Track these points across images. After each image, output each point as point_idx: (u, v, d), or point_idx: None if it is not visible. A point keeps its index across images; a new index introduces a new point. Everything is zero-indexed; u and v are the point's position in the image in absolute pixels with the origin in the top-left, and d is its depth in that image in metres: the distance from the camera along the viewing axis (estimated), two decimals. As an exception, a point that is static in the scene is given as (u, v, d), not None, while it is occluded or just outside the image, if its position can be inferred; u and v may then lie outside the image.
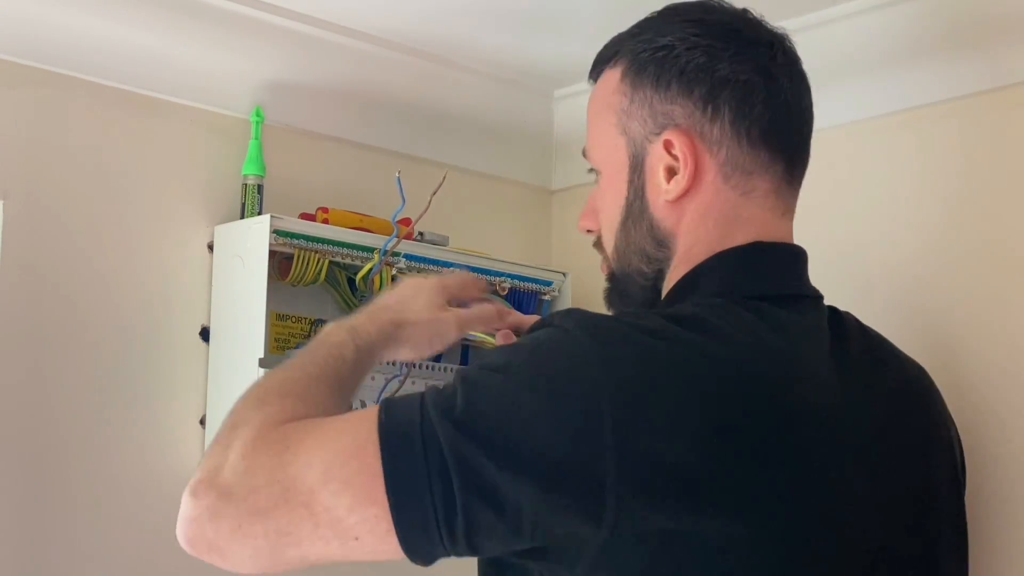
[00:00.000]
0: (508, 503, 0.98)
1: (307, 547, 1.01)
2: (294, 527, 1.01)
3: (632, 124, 1.19)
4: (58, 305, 1.51)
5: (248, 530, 1.02)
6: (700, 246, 1.17)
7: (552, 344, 1.04)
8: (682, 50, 1.17)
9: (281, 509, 1.01)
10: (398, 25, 1.70)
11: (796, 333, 1.11)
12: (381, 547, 1.00)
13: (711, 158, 1.16)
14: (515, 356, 1.04)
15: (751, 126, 1.16)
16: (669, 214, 1.18)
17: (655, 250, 1.19)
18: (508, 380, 1.01)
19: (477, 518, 0.98)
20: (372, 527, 0.99)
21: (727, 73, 1.16)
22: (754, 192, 1.17)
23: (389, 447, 1.00)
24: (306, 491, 1.00)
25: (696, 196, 1.17)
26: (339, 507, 1.00)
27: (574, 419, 0.99)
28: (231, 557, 1.04)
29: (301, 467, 1.01)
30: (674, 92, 1.17)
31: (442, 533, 0.99)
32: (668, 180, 1.17)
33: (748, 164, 1.16)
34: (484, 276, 1.70)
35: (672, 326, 1.05)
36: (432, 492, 0.98)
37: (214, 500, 1.04)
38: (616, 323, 1.06)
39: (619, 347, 1.02)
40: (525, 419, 0.99)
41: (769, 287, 1.15)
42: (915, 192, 1.55)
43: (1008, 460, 1.42)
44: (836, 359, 1.13)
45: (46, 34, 1.51)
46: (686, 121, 1.16)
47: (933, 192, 1.54)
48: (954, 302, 1.50)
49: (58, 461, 1.49)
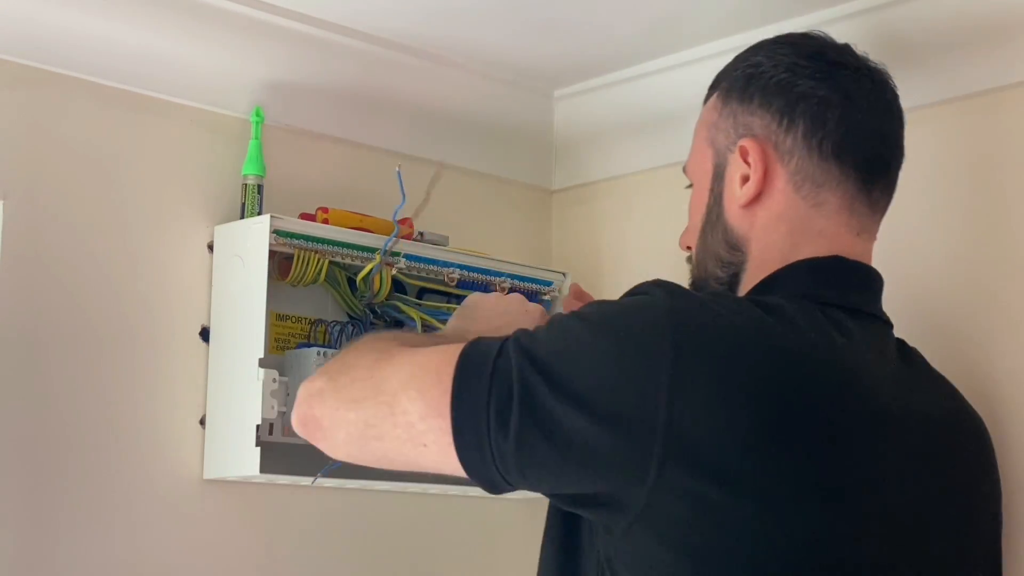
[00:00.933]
0: (559, 432, 1.05)
1: (388, 443, 1.13)
2: (378, 421, 1.13)
3: (719, 136, 1.28)
4: (58, 305, 1.51)
5: (344, 414, 1.16)
6: (773, 252, 1.22)
7: (635, 303, 1.12)
8: (768, 67, 1.26)
9: (370, 402, 1.14)
10: (398, 25, 1.70)
11: (864, 345, 1.16)
12: (445, 459, 1.10)
13: (782, 167, 1.23)
14: (599, 308, 1.13)
15: (823, 139, 1.22)
16: (742, 220, 1.24)
17: (729, 254, 1.25)
18: (585, 326, 1.10)
19: (528, 440, 1.06)
20: (437, 438, 1.10)
21: (806, 89, 1.23)
22: (825, 205, 1.22)
23: (463, 368, 1.10)
24: (390, 392, 1.12)
25: (767, 203, 1.23)
26: (413, 412, 1.11)
27: (635, 373, 1.05)
28: (330, 436, 1.18)
29: (392, 371, 1.14)
30: (755, 105, 1.25)
31: (494, 453, 1.07)
32: (742, 186, 1.24)
33: (818, 176, 1.22)
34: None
35: (753, 307, 1.12)
36: (489, 413, 1.07)
37: (322, 384, 1.18)
38: (699, 296, 1.14)
39: (693, 315, 1.09)
40: (590, 363, 1.07)
41: (845, 300, 1.19)
42: (917, 191, 1.55)
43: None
44: (899, 380, 1.17)
45: (46, 34, 1.51)
46: (763, 131, 1.24)
47: (935, 191, 1.54)
48: (957, 301, 1.50)
49: (58, 461, 1.49)
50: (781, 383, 1.06)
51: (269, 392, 1.51)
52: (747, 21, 1.64)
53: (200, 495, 1.59)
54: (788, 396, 1.06)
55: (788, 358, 1.08)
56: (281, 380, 1.53)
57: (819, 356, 1.10)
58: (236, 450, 1.53)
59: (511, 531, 1.82)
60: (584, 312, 1.13)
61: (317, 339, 1.64)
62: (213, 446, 1.58)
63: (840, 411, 1.09)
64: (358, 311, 1.66)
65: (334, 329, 1.63)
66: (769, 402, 1.05)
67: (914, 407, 1.16)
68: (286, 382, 1.55)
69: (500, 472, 1.08)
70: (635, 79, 1.83)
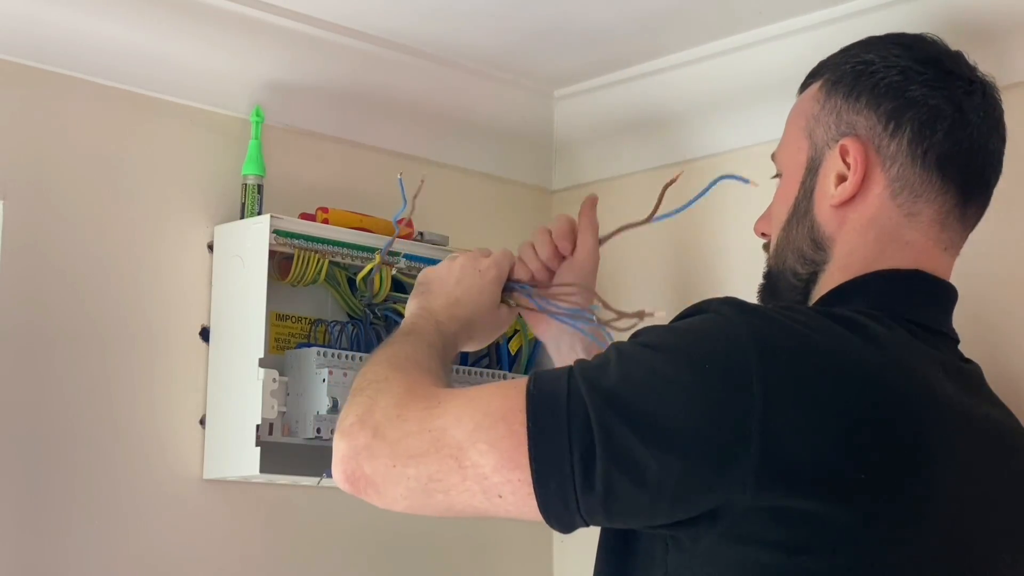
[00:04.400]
0: (649, 477, 1.02)
1: (455, 496, 1.08)
2: (443, 475, 1.08)
3: (818, 129, 1.24)
4: (58, 305, 1.51)
5: (402, 470, 1.09)
6: (857, 257, 1.20)
7: (708, 328, 1.07)
8: (880, 66, 1.21)
9: (431, 456, 1.08)
10: (398, 25, 1.70)
11: (935, 361, 1.14)
12: (523, 508, 1.06)
13: (882, 171, 1.19)
14: (671, 336, 1.09)
15: (929, 149, 1.19)
16: (831, 219, 1.21)
17: (812, 251, 1.22)
18: (663, 358, 1.06)
19: (616, 490, 1.03)
20: (515, 489, 1.05)
21: (917, 95, 1.19)
22: (919, 216, 1.20)
23: (535, 415, 1.05)
24: (455, 445, 1.07)
25: (860, 206, 1.20)
26: (485, 465, 1.06)
27: (724, 403, 1.02)
28: (386, 494, 1.11)
29: (451, 421, 1.08)
30: (862, 104, 1.21)
31: (580, 503, 1.04)
32: (837, 185, 1.20)
33: (918, 186, 1.19)
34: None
35: (829, 322, 1.09)
36: (573, 463, 1.03)
37: (369, 439, 1.11)
38: (774, 313, 1.10)
39: (775, 336, 1.06)
40: (675, 398, 1.03)
41: (920, 315, 1.17)
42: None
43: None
44: (964, 397, 1.15)
45: (46, 34, 1.51)
46: (867, 132, 1.20)
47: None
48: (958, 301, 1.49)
49: (58, 461, 1.49)
50: (866, 398, 1.05)
51: (269, 392, 1.51)
52: (747, 21, 1.64)
53: (200, 495, 1.59)
54: (874, 410, 1.05)
55: (870, 374, 1.06)
56: (281, 380, 1.53)
57: (902, 372, 1.09)
58: (236, 450, 1.53)
59: (513, 530, 1.82)
60: (654, 340, 1.08)
61: (317, 339, 1.64)
62: (213, 446, 1.58)
63: (921, 428, 1.07)
64: (358, 311, 1.66)
65: (334, 329, 1.63)
66: (855, 418, 1.04)
67: (986, 421, 1.16)
68: (286, 382, 1.55)
69: (584, 518, 1.05)
70: (635, 79, 1.83)
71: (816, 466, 1.02)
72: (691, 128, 1.79)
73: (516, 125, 1.92)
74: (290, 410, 1.54)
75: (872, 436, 1.04)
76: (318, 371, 1.54)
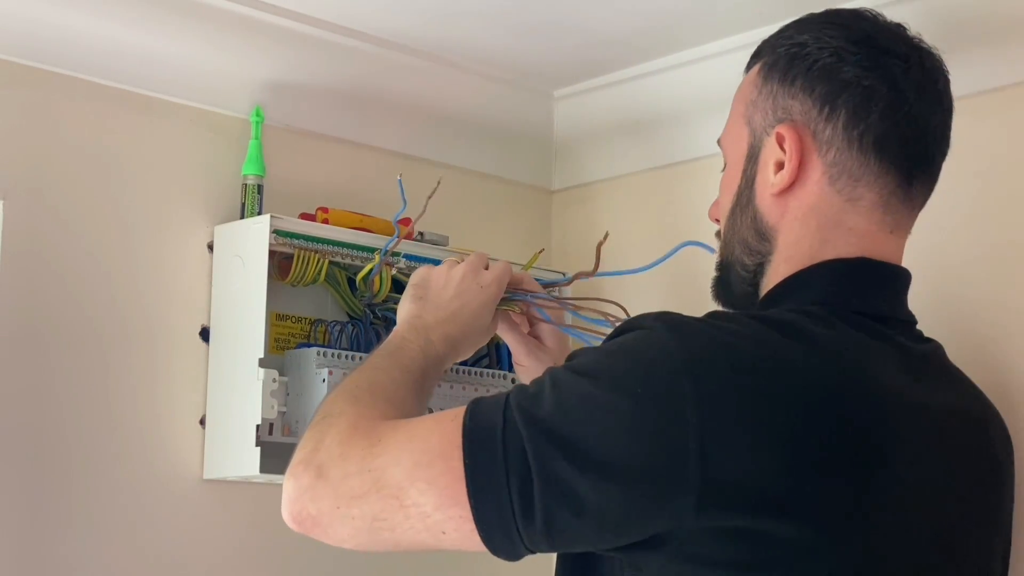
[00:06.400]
0: (588, 507, 1.01)
1: (400, 534, 1.08)
2: (387, 515, 1.08)
3: (756, 115, 1.21)
4: (58, 305, 1.51)
5: (346, 511, 1.09)
6: (802, 247, 1.18)
7: (641, 348, 1.05)
8: (814, 49, 1.18)
9: (373, 497, 1.08)
10: (398, 25, 1.70)
11: (886, 352, 1.13)
12: (467, 543, 1.06)
13: (819, 157, 1.17)
14: (605, 359, 1.06)
15: (865, 132, 1.16)
16: (773, 208, 1.19)
17: (756, 242, 1.20)
18: (594, 385, 1.04)
19: (555, 521, 1.02)
20: (458, 525, 1.05)
21: (850, 77, 1.16)
22: (860, 201, 1.17)
23: (471, 450, 1.04)
24: (395, 484, 1.07)
25: (800, 193, 1.18)
26: (426, 504, 1.06)
27: (659, 429, 1.01)
28: (333, 533, 1.11)
29: (390, 460, 1.08)
30: (797, 88, 1.18)
31: (522, 535, 1.03)
32: (776, 173, 1.18)
33: (856, 170, 1.16)
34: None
35: (767, 330, 1.07)
36: (512, 496, 1.02)
37: (312, 480, 1.11)
38: (707, 328, 1.07)
39: (708, 355, 1.03)
40: (610, 426, 1.02)
41: (868, 305, 1.15)
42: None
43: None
44: (924, 383, 1.14)
45: (46, 34, 1.51)
46: (802, 118, 1.18)
47: (939, 190, 1.54)
48: (963, 300, 1.50)
49: (58, 461, 1.49)
50: (808, 408, 1.03)
51: (269, 392, 1.51)
52: (747, 21, 1.64)
53: (200, 495, 1.59)
54: (816, 420, 1.03)
55: (811, 381, 1.04)
56: (281, 380, 1.53)
57: (845, 378, 1.07)
58: (236, 450, 1.54)
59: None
60: (585, 366, 1.06)
61: (317, 339, 1.64)
62: (213, 446, 1.58)
63: (869, 434, 1.06)
64: (358, 311, 1.66)
65: (334, 329, 1.63)
66: (796, 433, 1.02)
67: (942, 409, 1.14)
68: (286, 382, 1.55)
69: (528, 548, 1.05)
70: (635, 79, 1.83)
71: (759, 486, 1.00)
72: (691, 128, 1.79)
73: (516, 125, 1.92)
74: (290, 410, 1.55)
75: (817, 450, 1.02)
76: (318, 371, 1.54)
